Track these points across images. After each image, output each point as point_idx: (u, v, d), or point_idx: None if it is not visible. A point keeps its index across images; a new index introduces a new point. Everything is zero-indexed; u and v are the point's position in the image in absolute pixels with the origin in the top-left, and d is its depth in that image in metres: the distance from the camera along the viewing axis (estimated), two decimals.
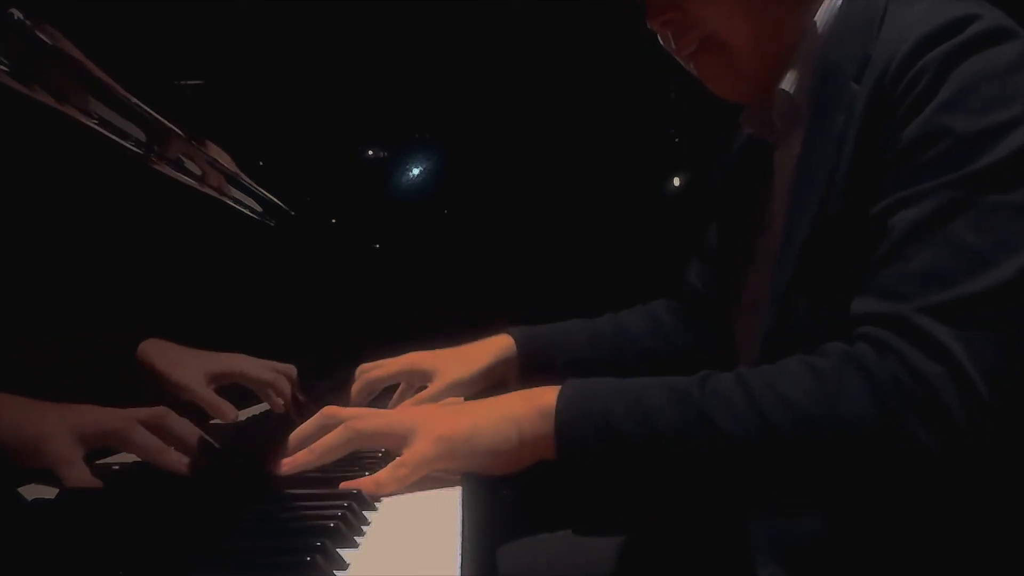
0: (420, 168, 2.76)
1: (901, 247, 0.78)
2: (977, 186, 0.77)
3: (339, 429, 0.83)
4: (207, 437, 0.82)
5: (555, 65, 2.66)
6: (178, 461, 0.77)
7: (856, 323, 0.79)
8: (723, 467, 0.77)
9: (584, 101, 2.70)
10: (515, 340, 1.21)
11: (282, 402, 1.18)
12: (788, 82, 0.96)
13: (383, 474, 0.81)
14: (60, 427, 0.74)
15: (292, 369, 1.21)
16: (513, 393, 0.88)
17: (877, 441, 0.73)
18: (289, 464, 0.83)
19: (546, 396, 0.83)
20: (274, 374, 1.18)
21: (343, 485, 0.80)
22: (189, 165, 1.21)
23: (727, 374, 0.80)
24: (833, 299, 0.83)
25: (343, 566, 0.61)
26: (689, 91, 1.05)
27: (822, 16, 0.94)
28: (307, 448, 0.83)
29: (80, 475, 0.72)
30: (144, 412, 0.79)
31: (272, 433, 1.01)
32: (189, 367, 1.07)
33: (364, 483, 0.80)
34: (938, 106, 0.79)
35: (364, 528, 0.70)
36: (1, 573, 0.55)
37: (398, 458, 0.82)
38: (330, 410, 0.86)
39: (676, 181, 2.84)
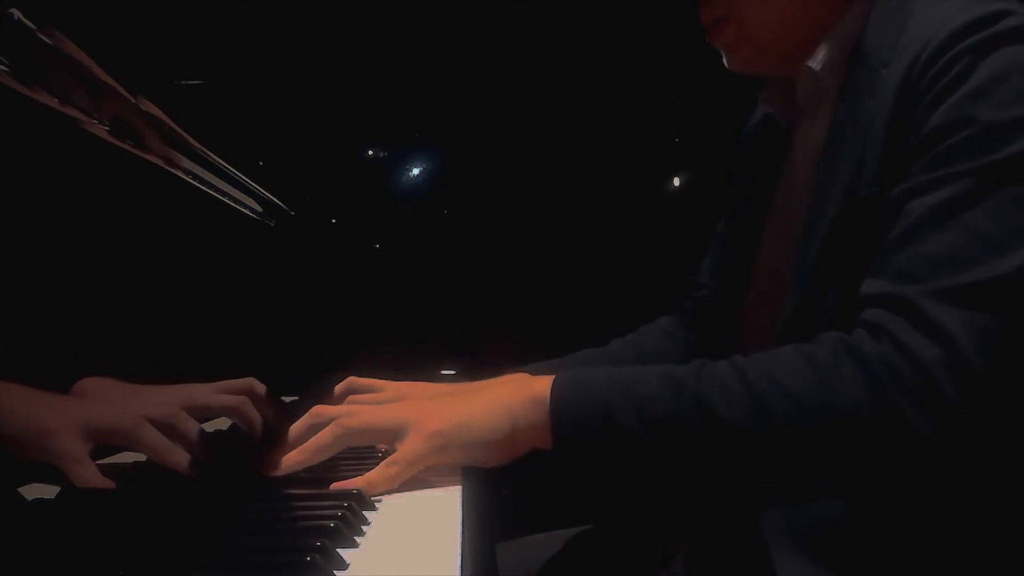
0: (420, 168, 2.76)
1: (916, 230, 0.78)
2: (998, 175, 0.76)
3: (329, 427, 0.82)
4: (213, 436, 0.81)
5: (555, 65, 2.66)
6: (184, 460, 0.77)
7: (864, 305, 0.79)
8: (721, 455, 0.77)
9: (584, 101, 2.69)
10: None
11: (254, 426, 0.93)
12: (816, 60, 0.94)
13: (375, 473, 0.80)
14: (67, 422, 0.74)
15: (256, 385, 0.95)
16: (503, 379, 0.87)
17: (873, 426, 0.73)
18: (281, 464, 0.82)
19: (538, 384, 0.82)
20: (235, 399, 0.91)
21: (334, 486, 0.79)
22: (189, 166, 1.21)
23: (723, 362, 0.80)
24: (859, 283, 0.82)
25: (343, 566, 0.61)
26: (689, 91, 1.05)
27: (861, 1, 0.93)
28: (298, 448, 0.82)
29: (89, 473, 0.72)
30: (155, 411, 0.78)
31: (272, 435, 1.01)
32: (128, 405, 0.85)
33: (356, 483, 0.79)
34: (966, 94, 0.79)
35: (364, 528, 0.70)
36: (1, 573, 0.55)
37: (390, 456, 0.81)
38: (319, 409, 0.85)
39: (676, 181, 2.84)
